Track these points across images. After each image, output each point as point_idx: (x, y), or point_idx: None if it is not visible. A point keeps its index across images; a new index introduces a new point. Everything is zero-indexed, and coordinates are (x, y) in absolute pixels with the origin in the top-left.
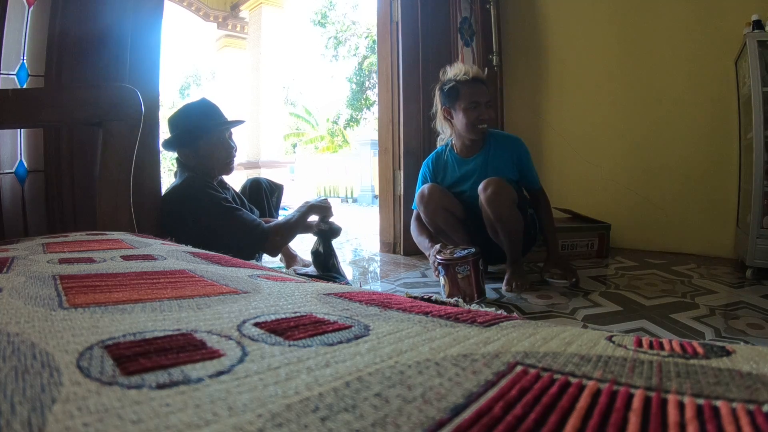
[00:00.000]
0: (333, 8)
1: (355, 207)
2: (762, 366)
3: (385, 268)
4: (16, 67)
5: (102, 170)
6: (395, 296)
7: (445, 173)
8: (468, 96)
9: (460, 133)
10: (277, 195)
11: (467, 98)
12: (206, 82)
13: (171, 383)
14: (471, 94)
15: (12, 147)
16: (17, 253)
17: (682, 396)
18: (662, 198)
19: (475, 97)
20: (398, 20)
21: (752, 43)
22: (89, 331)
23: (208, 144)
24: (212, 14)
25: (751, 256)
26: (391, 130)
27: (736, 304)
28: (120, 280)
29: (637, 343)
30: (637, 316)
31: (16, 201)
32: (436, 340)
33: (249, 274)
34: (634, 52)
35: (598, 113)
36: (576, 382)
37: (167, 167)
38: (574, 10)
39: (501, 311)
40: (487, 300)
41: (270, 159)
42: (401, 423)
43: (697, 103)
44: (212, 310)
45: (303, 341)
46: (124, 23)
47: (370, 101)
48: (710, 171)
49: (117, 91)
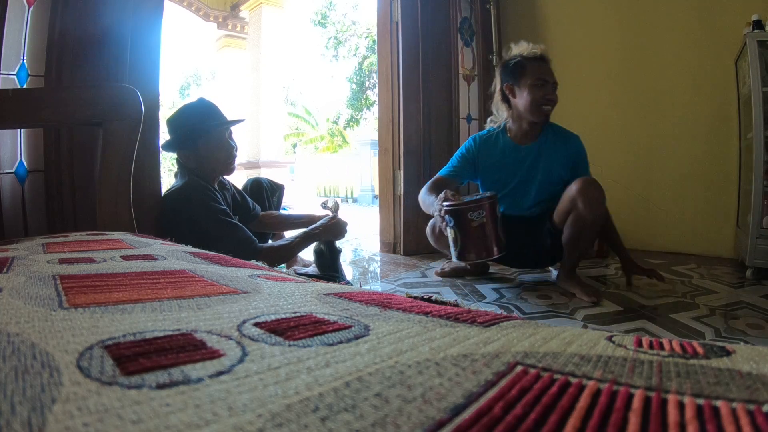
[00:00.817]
0: (333, 8)
1: (355, 207)
2: (762, 366)
3: (385, 268)
4: (16, 67)
5: (102, 170)
6: (395, 296)
7: (490, 156)
8: (535, 73)
9: (521, 114)
10: (277, 195)
11: (534, 75)
12: (206, 82)
13: (171, 383)
14: (539, 71)
15: (12, 147)
16: (17, 253)
17: (682, 396)
18: (662, 198)
19: (544, 75)
20: (398, 20)
21: (752, 43)
22: (89, 331)
23: (208, 144)
24: (212, 14)
25: (751, 256)
26: (391, 130)
27: (736, 304)
28: (120, 280)
29: (637, 343)
30: (637, 316)
31: (16, 201)
32: (436, 340)
33: (249, 274)
34: (634, 52)
35: (599, 113)
36: (576, 382)
37: (167, 167)
38: (574, 11)
39: (501, 311)
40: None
41: (270, 159)
42: (401, 423)
43: (697, 102)
44: (212, 310)
45: (303, 341)
46: (124, 23)
47: (370, 101)
48: (710, 171)
49: (117, 91)
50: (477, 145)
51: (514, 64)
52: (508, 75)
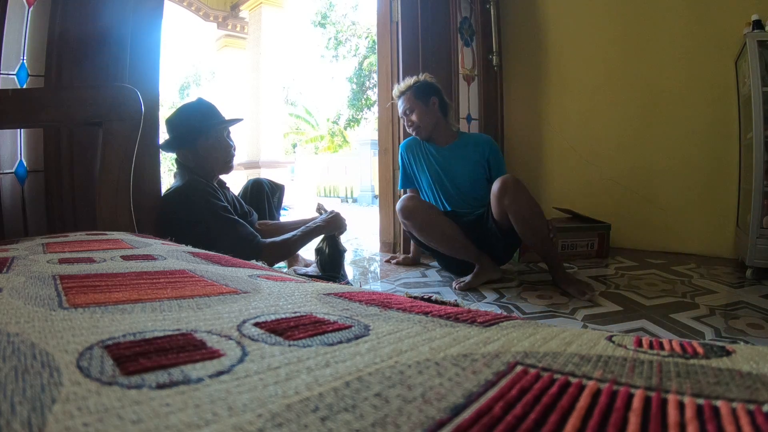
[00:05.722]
0: (333, 9)
1: (355, 207)
2: (762, 366)
3: (385, 268)
4: (16, 67)
5: (102, 170)
6: (395, 296)
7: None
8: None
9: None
10: (278, 195)
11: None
12: (206, 82)
13: (171, 383)
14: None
15: (12, 147)
16: (17, 253)
17: (682, 396)
18: (662, 198)
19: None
20: (398, 20)
21: (752, 43)
22: (89, 331)
23: (207, 144)
24: (212, 14)
25: (751, 256)
26: (391, 130)
27: (736, 304)
28: (120, 280)
29: (637, 343)
30: (637, 316)
31: (16, 201)
32: (436, 340)
33: (249, 274)
34: (634, 51)
35: (599, 113)
36: (576, 382)
37: (167, 167)
38: (574, 10)
39: (501, 311)
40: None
41: (270, 159)
42: (401, 423)
43: (697, 102)
44: (212, 310)
45: (303, 341)
46: (124, 23)
47: (370, 101)
48: (710, 171)
49: (117, 91)
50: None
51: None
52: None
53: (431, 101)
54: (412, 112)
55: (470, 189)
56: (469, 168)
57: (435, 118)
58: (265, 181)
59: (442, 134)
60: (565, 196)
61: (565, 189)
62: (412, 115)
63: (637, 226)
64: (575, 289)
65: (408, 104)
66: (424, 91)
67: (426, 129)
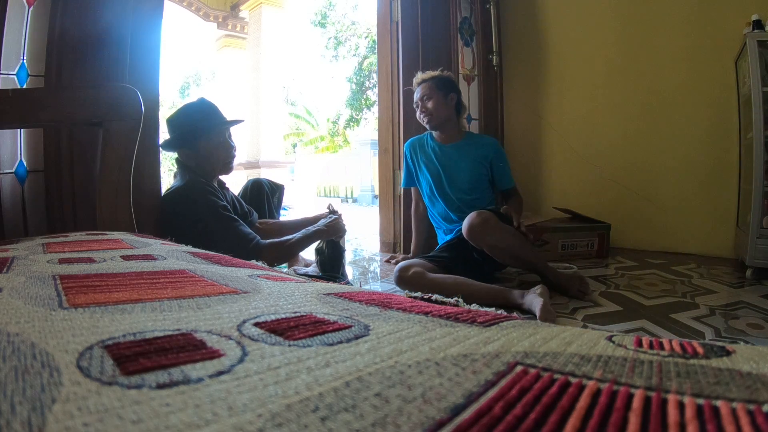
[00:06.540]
0: (333, 9)
1: (355, 207)
2: (762, 366)
3: (385, 267)
4: (16, 67)
5: (102, 170)
6: (395, 296)
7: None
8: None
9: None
10: (277, 195)
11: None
12: (206, 82)
13: (171, 383)
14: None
15: (12, 147)
16: (17, 253)
17: (682, 396)
18: (662, 198)
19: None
20: (398, 20)
21: (752, 43)
22: (89, 331)
23: (208, 144)
24: (212, 14)
25: (751, 256)
26: (391, 130)
27: (736, 304)
28: (120, 280)
29: (637, 343)
30: (637, 316)
31: (16, 201)
32: (436, 340)
33: (249, 274)
34: (634, 51)
35: (598, 113)
36: (576, 382)
37: (167, 167)
38: (574, 10)
39: (501, 311)
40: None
41: (270, 159)
42: (401, 423)
43: (697, 102)
44: (212, 310)
45: (303, 341)
46: (124, 23)
47: (370, 101)
48: (710, 171)
49: (117, 91)
50: None
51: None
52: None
53: (450, 96)
54: (429, 100)
55: (469, 190)
56: (470, 166)
57: (449, 113)
58: (265, 181)
59: (451, 131)
60: (565, 196)
61: (565, 189)
62: (429, 103)
63: (637, 226)
64: (575, 289)
65: (427, 92)
66: (446, 84)
67: (438, 119)
